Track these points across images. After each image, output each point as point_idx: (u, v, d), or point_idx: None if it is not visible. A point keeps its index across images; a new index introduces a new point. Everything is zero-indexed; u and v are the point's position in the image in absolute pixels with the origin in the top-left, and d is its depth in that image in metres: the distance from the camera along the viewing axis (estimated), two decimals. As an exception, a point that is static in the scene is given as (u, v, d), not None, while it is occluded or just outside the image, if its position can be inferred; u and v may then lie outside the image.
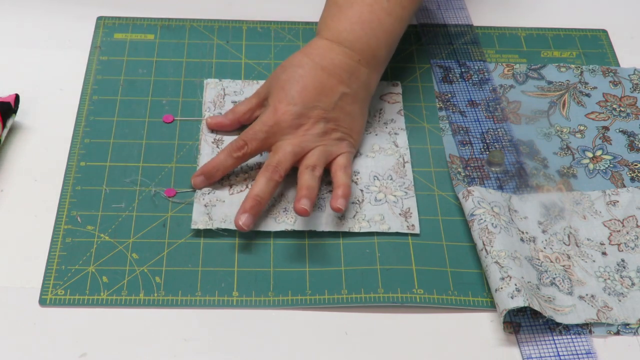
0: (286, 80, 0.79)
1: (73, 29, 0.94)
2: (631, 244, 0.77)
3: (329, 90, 0.78)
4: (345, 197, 0.75)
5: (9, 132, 0.83)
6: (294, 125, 0.77)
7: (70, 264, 0.74)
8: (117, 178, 0.80)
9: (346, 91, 0.79)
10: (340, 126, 0.79)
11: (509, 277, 0.70)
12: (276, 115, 0.77)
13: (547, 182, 0.82)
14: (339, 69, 0.79)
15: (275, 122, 0.77)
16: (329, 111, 0.78)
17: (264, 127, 0.77)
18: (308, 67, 0.79)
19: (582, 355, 0.70)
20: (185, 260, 0.75)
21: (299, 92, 0.78)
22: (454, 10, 0.99)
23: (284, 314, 0.72)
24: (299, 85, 0.78)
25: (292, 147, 0.77)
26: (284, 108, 0.77)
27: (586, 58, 0.95)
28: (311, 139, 0.78)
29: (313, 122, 0.78)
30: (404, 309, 0.73)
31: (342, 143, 0.79)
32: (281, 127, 0.77)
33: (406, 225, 0.77)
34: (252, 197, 0.75)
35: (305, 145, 0.77)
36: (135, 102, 0.87)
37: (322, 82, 0.78)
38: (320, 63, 0.79)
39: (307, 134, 0.78)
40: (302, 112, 0.77)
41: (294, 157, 0.77)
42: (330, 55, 0.79)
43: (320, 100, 0.78)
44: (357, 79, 0.80)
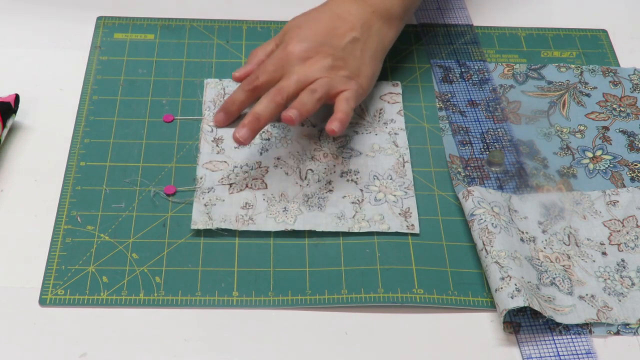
0: (301, 22, 0.83)
1: (73, 29, 0.94)
2: (631, 244, 0.77)
3: (340, 32, 0.82)
4: (342, 122, 0.77)
5: (9, 132, 0.83)
6: (302, 58, 0.80)
7: (70, 264, 0.74)
8: (117, 178, 0.80)
9: (357, 36, 0.82)
10: (348, 66, 0.81)
11: (509, 277, 0.70)
12: (286, 49, 0.81)
13: (547, 182, 0.82)
14: (352, 16, 0.83)
15: (285, 55, 0.80)
16: (338, 50, 0.81)
17: (274, 60, 0.80)
18: (324, 13, 0.84)
19: (582, 355, 0.70)
20: (185, 260, 0.75)
21: (311, 31, 0.82)
22: (454, 10, 0.99)
23: (284, 314, 0.72)
24: (312, 25, 0.82)
25: (298, 75, 0.79)
26: (294, 43, 0.81)
27: (586, 58, 0.95)
28: (317, 70, 0.80)
29: (321, 57, 0.80)
30: (404, 309, 0.73)
31: (349, 81, 0.81)
32: (289, 59, 0.80)
33: (406, 225, 0.77)
34: (251, 113, 0.77)
35: (310, 75, 0.79)
36: (135, 102, 0.87)
37: (335, 25, 0.82)
38: (336, 11, 0.84)
39: (314, 65, 0.80)
40: (311, 47, 0.80)
41: (298, 84, 0.79)
42: (345, 6, 0.84)
43: (331, 39, 0.81)
44: (369, 28, 0.83)
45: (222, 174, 0.81)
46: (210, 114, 0.86)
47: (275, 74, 0.80)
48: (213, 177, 0.80)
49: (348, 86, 0.81)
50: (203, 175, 0.80)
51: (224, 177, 0.80)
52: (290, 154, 0.83)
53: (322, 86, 0.79)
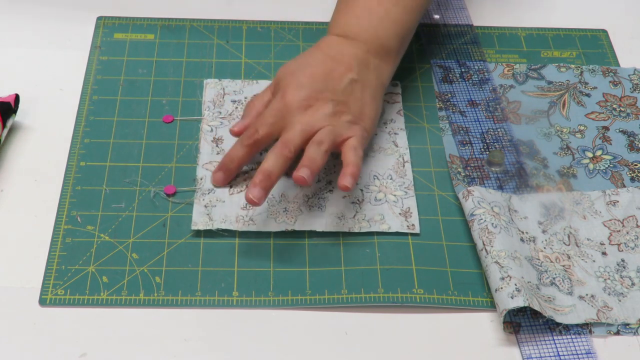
0: (295, 69, 0.80)
1: (73, 29, 0.94)
2: (631, 244, 0.77)
3: (337, 76, 0.79)
4: (354, 175, 0.74)
5: (9, 132, 0.83)
6: (302, 107, 0.77)
7: (70, 264, 0.74)
8: (117, 178, 0.80)
9: (355, 77, 0.79)
10: (350, 110, 0.78)
11: (509, 277, 0.70)
12: (284, 99, 0.77)
13: (547, 182, 0.82)
14: (347, 57, 0.80)
15: (284, 105, 0.77)
16: (338, 94, 0.78)
17: (273, 112, 0.77)
18: (317, 56, 0.80)
19: (582, 355, 0.70)
20: (185, 260, 0.75)
21: (307, 77, 0.78)
22: (454, 10, 0.99)
23: (284, 314, 0.72)
24: (307, 71, 0.79)
25: (301, 125, 0.76)
26: (292, 92, 0.77)
27: (586, 58, 0.95)
28: (320, 118, 0.77)
29: (322, 103, 0.77)
30: (404, 309, 0.73)
31: (353, 126, 0.78)
32: (290, 109, 0.77)
33: (406, 225, 0.77)
34: (261, 171, 0.74)
35: (314, 124, 0.76)
36: (135, 102, 0.87)
37: (330, 68, 0.79)
38: (328, 52, 0.80)
39: (316, 113, 0.77)
40: (310, 95, 0.77)
41: (303, 134, 0.76)
42: (339, 48, 0.81)
43: (329, 84, 0.78)
44: (366, 67, 0.80)
45: (222, 174, 0.81)
46: (210, 114, 0.86)
47: (276, 126, 0.77)
48: (213, 177, 0.80)
49: (353, 132, 0.78)
50: (203, 176, 0.80)
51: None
52: None
53: (328, 136, 0.76)
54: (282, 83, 0.79)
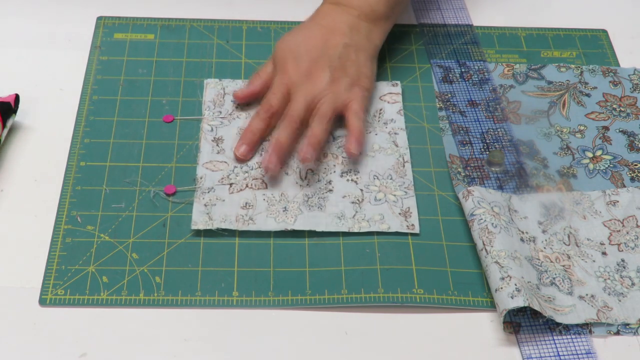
0: (293, 43, 0.85)
1: (73, 29, 0.94)
2: (631, 244, 0.77)
3: (332, 44, 0.84)
4: (359, 141, 0.80)
5: (9, 132, 0.83)
6: (303, 79, 0.82)
7: (70, 264, 0.74)
8: (117, 178, 0.80)
9: (347, 42, 0.84)
10: (347, 73, 0.83)
11: (509, 277, 0.70)
12: (287, 73, 0.83)
13: (547, 182, 0.82)
14: (340, 23, 0.85)
15: (287, 78, 0.83)
16: (334, 60, 0.83)
17: (279, 86, 0.83)
18: (312, 28, 0.86)
19: (582, 355, 0.70)
20: (185, 260, 0.75)
21: (304, 50, 0.84)
22: (454, 10, 0.99)
23: (284, 314, 0.72)
24: (303, 43, 0.84)
25: (304, 96, 0.81)
26: (292, 66, 0.83)
27: (586, 58, 0.95)
28: (320, 87, 0.82)
29: (320, 72, 0.83)
30: (404, 309, 0.73)
31: (352, 89, 0.83)
32: (292, 82, 0.83)
33: (406, 225, 0.77)
34: (274, 141, 0.80)
35: (315, 93, 0.82)
36: (135, 102, 0.87)
37: (325, 37, 0.84)
38: (322, 23, 0.86)
39: (316, 83, 0.82)
40: (309, 66, 0.83)
41: (306, 105, 0.81)
42: (331, 16, 0.87)
43: (325, 53, 0.83)
44: (357, 31, 0.86)
45: (222, 174, 0.81)
46: (210, 114, 0.86)
47: (285, 98, 0.83)
48: (213, 177, 0.80)
49: (353, 95, 0.83)
50: (203, 175, 0.80)
51: (224, 177, 0.80)
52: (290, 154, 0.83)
53: (329, 105, 0.81)
54: (281, 58, 0.84)
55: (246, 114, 0.86)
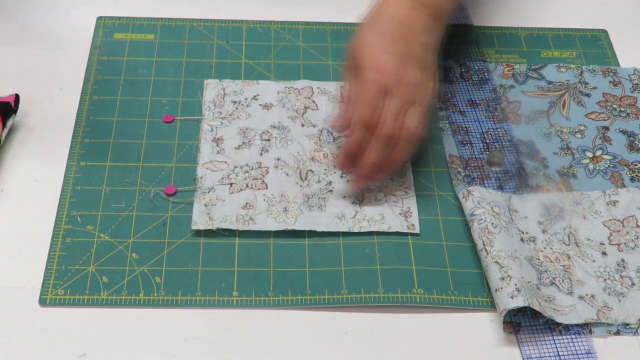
0: (371, 41, 0.78)
1: (73, 29, 0.94)
2: (631, 244, 0.77)
3: (410, 39, 0.78)
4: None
5: (9, 132, 0.83)
6: (396, 75, 0.76)
7: (70, 264, 0.74)
8: (117, 178, 0.80)
9: (425, 40, 0.79)
10: (429, 74, 0.78)
11: (509, 277, 0.70)
12: (376, 72, 0.76)
13: (547, 182, 0.82)
14: (415, 21, 0.79)
15: (375, 84, 0.76)
16: (420, 60, 0.78)
17: (369, 96, 0.75)
18: (386, 24, 0.79)
19: (582, 355, 0.70)
20: (185, 260, 0.75)
21: (386, 49, 0.77)
22: (454, 10, 0.99)
23: (284, 314, 0.72)
24: (383, 42, 0.77)
25: (395, 107, 0.75)
26: (376, 68, 0.76)
27: (586, 58, 0.95)
28: (411, 92, 0.76)
29: (409, 71, 0.76)
30: (404, 309, 0.73)
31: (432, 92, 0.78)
32: (381, 86, 0.75)
33: (406, 225, 0.77)
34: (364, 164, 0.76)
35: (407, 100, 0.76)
36: (135, 102, 0.87)
37: (404, 35, 0.78)
38: (396, 17, 0.79)
39: (406, 89, 0.76)
40: (394, 67, 0.76)
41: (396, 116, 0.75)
42: (403, 10, 0.80)
43: (410, 51, 0.77)
44: (427, 30, 0.80)
45: (222, 174, 0.81)
46: (210, 114, 0.86)
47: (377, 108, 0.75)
48: (213, 177, 0.80)
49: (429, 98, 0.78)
50: (203, 175, 0.80)
51: (224, 177, 0.80)
52: (290, 154, 0.83)
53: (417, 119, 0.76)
54: (362, 60, 0.77)
55: (246, 115, 0.86)
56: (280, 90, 0.89)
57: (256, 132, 0.85)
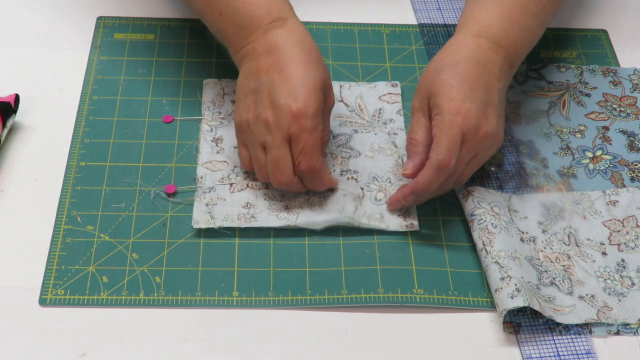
0: (450, 79, 0.74)
1: (73, 29, 0.94)
2: (631, 244, 0.77)
3: (489, 84, 0.75)
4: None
5: (9, 132, 0.83)
6: (475, 125, 0.72)
7: (70, 264, 0.74)
8: (117, 178, 0.80)
9: (501, 87, 0.76)
10: (501, 121, 0.75)
11: (509, 277, 0.70)
12: (458, 116, 0.72)
13: (547, 182, 0.82)
14: (491, 63, 0.76)
15: (459, 125, 0.72)
16: (495, 106, 0.74)
17: (455, 138, 0.72)
18: (464, 63, 0.75)
19: (582, 355, 0.70)
20: (185, 260, 0.75)
21: (469, 89, 0.73)
22: (454, 11, 0.99)
23: (284, 314, 0.72)
24: (465, 82, 0.74)
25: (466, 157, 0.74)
26: (463, 107, 0.72)
27: (586, 58, 0.95)
28: (484, 145, 0.74)
29: (489, 119, 0.73)
30: (404, 309, 0.73)
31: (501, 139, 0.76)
32: (467, 125, 0.72)
33: (405, 224, 0.77)
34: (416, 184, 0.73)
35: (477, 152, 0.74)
36: (135, 102, 0.87)
37: (483, 79, 0.75)
38: (474, 58, 0.75)
39: (483, 139, 0.73)
40: (479, 109, 0.73)
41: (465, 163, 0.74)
42: (479, 50, 0.76)
43: (488, 98, 0.74)
44: (503, 74, 0.77)
45: (222, 174, 0.81)
46: (209, 114, 0.86)
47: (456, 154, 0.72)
48: (213, 176, 0.80)
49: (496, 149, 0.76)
50: (203, 175, 0.80)
51: (224, 177, 0.80)
52: None
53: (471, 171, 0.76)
54: (442, 102, 0.73)
55: (246, 114, 0.86)
56: (280, 90, 0.89)
57: (256, 132, 0.85)
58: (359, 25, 0.96)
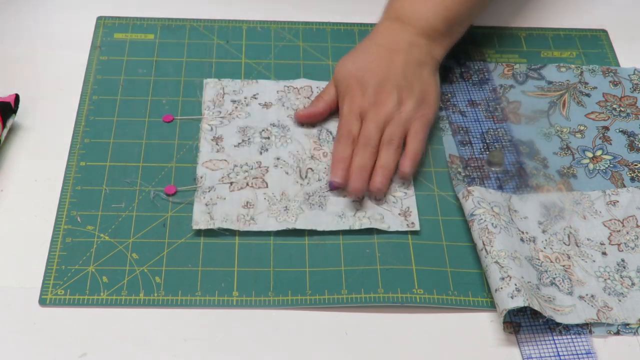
0: (353, 68, 0.84)
1: (73, 29, 0.94)
2: (631, 244, 0.77)
3: (394, 63, 0.84)
4: (412, 161, 0.80)
5: (9, 132, 0.83)
6: (372, 103, 0.82)
7: (70, 264, 0.74)
8: (117, 178, 0.80)
9: (409, 58, 0.84)
10: (413, 92, 0.83)
11: (509, 277, 0.70)
12: (355, 100, 0.83)
13: (547, 182, 0.82)
14: (400, 42, 0.85)
15: (357, 105, 0.83)
16: (400, 80, 0.83)
17: (351, 114, 0.83)
18: (372, 50, 0.85)
19: (582, 355, 0.70)
20: (185, 260, 0.75)
21: (367, 73, 0.83)
22: (454, 10, 0.99)
23: (284, 314, 0.72)
24: (365, 67, 0.84)
25: (375, 121, 0.81)
26: (358, 90, 0.83)
27: (586, 58, 0.95)
28: (389, 110, 0.82)
29: (387, 95, 0.82)
30: (404, 309, 0.73)
31: (419, 108, 0.83)
32: (362, 107, 0.82)
33: (406, 224, 0.77)
34: (356, 168, 0.79)
35: (385, 118, 0.82)
36: (135, 102, 0.87)
37: (388, 59, 0.84)
38: (380, 42, 0.85)
39: (385, 106, 0.82)
40: (375, 91, 0.82)
41: (377, 129, 0.81)
42: (390, 34, 0.86)
43: (389, 74, 0.83)
44: (417, 47, 0.85)
45: (222, 173, 0.81)
46: (209, 114, 0.86)
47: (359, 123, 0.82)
48: (213, 176, 0.80)
49: (420, 113, 0.83)
50: (203, 174, 0.80)
51: (224, 177, 0.80)
52: (290, 153, 0.83)
53: (397, 129, 0.81)
54: (346, 85, 0.84)
55: (245, 114, 0.86)
56: (280, 89, 0.89)
57: (256, 130, 0.85)
58: (359, 25, 0.96)
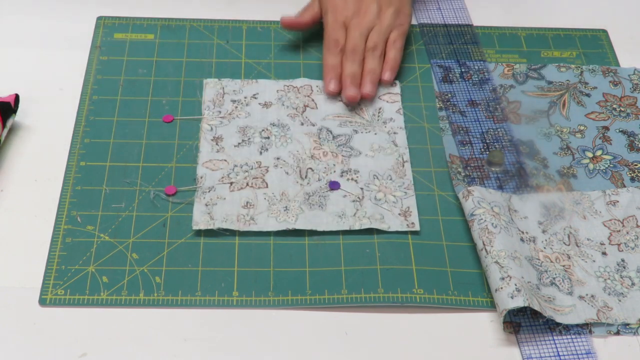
0: None
1: (73, 29, 0.94)
2: (631, 244, 0.77)
3: None
4: (393, 69, 0.89)
5: (9, 132, 0.83)
6: (355, 13, 0.89)
7: (70, 264, 0.74)
8: (117, 178, 0.80)
9: None
10: (391, 1, 0.90)
11: (509, 277, 0.70)
12: (337, 10, 0.90)
13: (547, 182, 0.82)
14: None
15: (340, 15, 0.89)
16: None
17: (336, 24, 0.89)
18: None
19: (582, 355, 0.70)
20: (185, 260, 0.75)
21: None
22: (454, 10, 0.99)
23: (284, 314, 0.72)
24: None
25: (359, 30, 0.88)
26: (342, 3, 0.90)
27: (586, 58, 0.95)
28: (370, 19, 0.89)
29: (368, 4, 0.90)
30: (404, 309, 0.73)
31: (399, 16, 0.91)
32: (345, 16, 0.89)
33: (406, 224, 0.77)
34: (347, 76, 0.87)
35: (367, 26, 0.89)
36: (135, 102, 0.87)
37: None
38: None
39: (366, 16, 0.89)
40: (355, 2, 0.90)
41: (362, 38, 0.88)
42: None
43: None
44: None
45: (222, 173, 0.81)
46: (209, 113, 0.86)
47: (344, 34, 0.89)
48: (213, 176, 0.80)
49: (399, 21, 0.90)
50: (203, 174, 0.80)
51: (224, 177, 0.80)
52: (290, 153, 0.83)
53: (379, 36, 0.88)
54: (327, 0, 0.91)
55: (245, 113, 0.86)
56: (280, 88, 0.89)
57: (256, 129, 0.85)
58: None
